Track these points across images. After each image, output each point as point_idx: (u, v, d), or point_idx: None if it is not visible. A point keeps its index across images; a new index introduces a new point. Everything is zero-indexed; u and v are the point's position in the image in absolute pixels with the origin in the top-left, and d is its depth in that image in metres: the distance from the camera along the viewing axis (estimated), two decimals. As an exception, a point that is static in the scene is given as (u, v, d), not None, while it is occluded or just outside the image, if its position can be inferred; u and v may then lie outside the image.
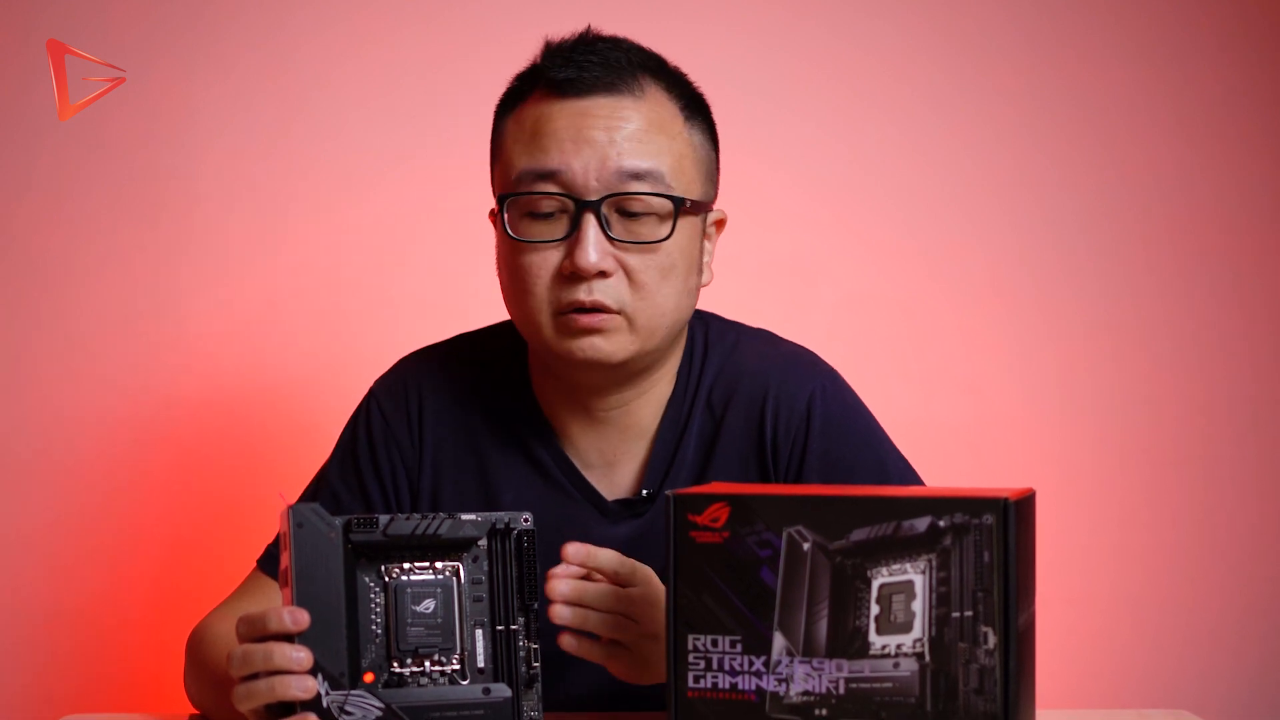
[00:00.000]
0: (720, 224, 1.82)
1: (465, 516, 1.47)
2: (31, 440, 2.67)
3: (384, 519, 1.45)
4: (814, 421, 1.77)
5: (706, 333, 1.83)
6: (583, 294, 1.65)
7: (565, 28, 1.77)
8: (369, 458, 1.82)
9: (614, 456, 1.79)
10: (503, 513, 1.48)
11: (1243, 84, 2.80)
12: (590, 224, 1.65)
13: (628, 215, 1.67)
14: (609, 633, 1.53)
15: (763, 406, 1.77)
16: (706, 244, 1.78)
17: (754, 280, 2.73)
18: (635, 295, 1.67)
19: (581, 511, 1.77)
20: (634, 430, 1.79)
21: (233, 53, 2.70)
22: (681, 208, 1.68)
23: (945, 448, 2.74)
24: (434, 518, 1.46)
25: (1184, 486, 2.80)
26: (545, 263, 1.67)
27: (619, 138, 1.66)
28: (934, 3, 2.78)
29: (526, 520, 1.49)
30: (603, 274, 1.66)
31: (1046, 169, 2.79)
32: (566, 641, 1.53)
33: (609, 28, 2.65)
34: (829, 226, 2.77)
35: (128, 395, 2.69)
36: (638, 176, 1.66)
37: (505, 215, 1.69)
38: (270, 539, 1.83)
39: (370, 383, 1.88)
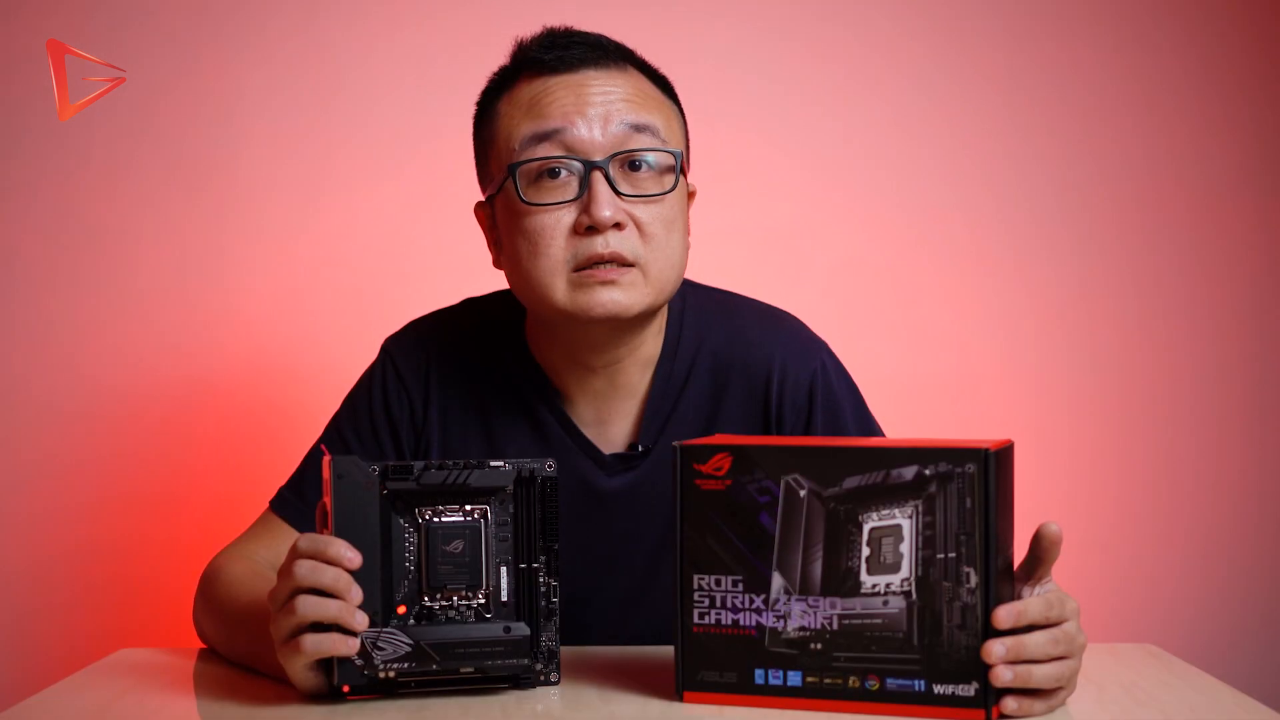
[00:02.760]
0: (691, 196, 1.78)
1: (494, 464, 1.47)
2: (90, 393, 2.68)
3: (418, 466, 1.45)
4: (816, 398, 1.77)
5: (684, 296, 1.81)
6: (600, 246, 1.62)
7: (581, 9, 1.75)
8: (383, 411, 1.80)
9: (607, 415, 1.78)
10: (528, 460, 1.48)
11: (1205, 71, 2.80)
12: (600, 182, 1.63)
13: (631, 170, 1.65)
14: (1053, 683, 1.39)
15: (767, 382, 1.77)
16: None
17: (756, 246, 2.74)
18: (647, 247, 1.65)
19: (580, 464, 1.76)
20: (625, 389, 1.77)
21: (275, 40, 2.70)
22: (682, 161, 1.68)
23: (930, 401, 2.75)
24: (464, 466, 1.46)
25: (1151, 438, 2.80)
26: (559, 223, 1.64)
27: (615, 99, 1.65)
28: (922, -9, 2.79)
29: (550, 467, 1.48)
30: (617, 226, 1.63)
31: (1025, 146, 2.79)
32: (1009, 706, 1.38)
33: (625, 14, 2.66)
34: (824, 198, 2.77)
35: (178, 351, 2.69)
36: (639, 129, 1.65)
37: (516, 183, 1.65)
38: (284, 482, 1.82)
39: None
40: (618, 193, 1.64)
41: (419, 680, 1.46)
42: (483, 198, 1.75)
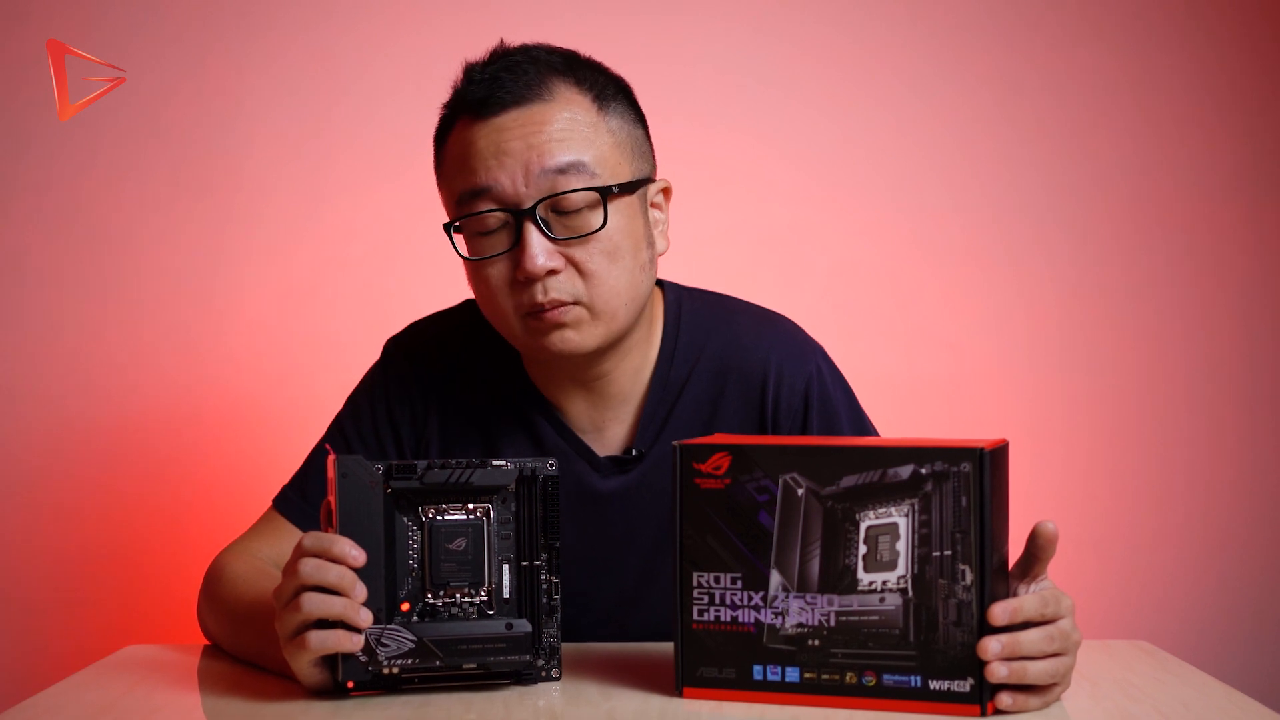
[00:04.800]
0: (667, 192, 1.76)
1: (496, 463, 1.48)
2: (95, 392, 2.69)
3: (421, 465, 1.46)
4: (812, 401, 1.77)
5: (680, 301, 1.81)
6: (539, 295, 1.62)
7: (583, 14, 1.75)
8: (385, 411, 1.80)
9: (602, 422, 1.77)
10: (530, 459, 1.49)
11: (1199, 74, 2.80)
12: (530, 231, 1.61)
13: (563, 212, 1.63)
14: (1048, 679, 1.39)
15: (763, 386, 1.77)
16: (656, 213, 1.74)
17: (753, 249, 2.74)
18: (588, 284, 1.63)
19: (576, 466, 1.76)
20: (618, 397, 1.77)
21: (278, 45, 2.71)
22: (609, 195, 1.64)
23: (926, 401, 2.75)
24: (467, 465, 1.47)
25: (1145, 436, 2.81)
26: (500, 275, 1.64)
27: (536, 142, 1.62)
28: (918, -3, 2.80)
29: (551, 466, 1.49)
30: (552, 272, 1.62)
31: (1019, 148, 2.79)
32: (1004, 701, 1.38)
33: (622, 17, 2.65)
34: (821, 200, 2.78)
35: (182, 351, 2.70)
36: (562, 171, 1.61)
37: (457, 240, 1.67)
38: (287, 481, 1.82)
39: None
40: (551, 237, 1.62)
41: (422, 676, 1.47)
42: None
